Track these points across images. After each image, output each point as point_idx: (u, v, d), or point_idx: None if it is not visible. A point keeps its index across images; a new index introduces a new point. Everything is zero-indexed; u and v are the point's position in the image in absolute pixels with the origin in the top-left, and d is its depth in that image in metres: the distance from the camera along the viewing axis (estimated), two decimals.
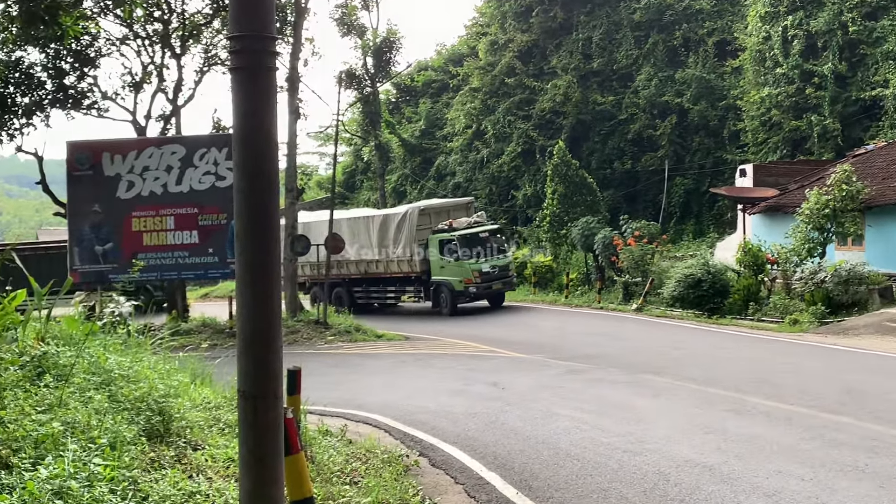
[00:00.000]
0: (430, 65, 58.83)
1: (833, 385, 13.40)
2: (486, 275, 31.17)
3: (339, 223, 31.55)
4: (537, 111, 45.62)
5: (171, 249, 24.64)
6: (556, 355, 19.29)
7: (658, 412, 12.19)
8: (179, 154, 24.68)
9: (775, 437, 10.20)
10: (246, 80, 3.52)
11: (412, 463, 9.82)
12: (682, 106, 40.88)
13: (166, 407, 8.01)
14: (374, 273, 34.08)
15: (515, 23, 47.61)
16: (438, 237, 31.75)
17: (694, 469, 8.91)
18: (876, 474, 8.34)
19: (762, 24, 36.14)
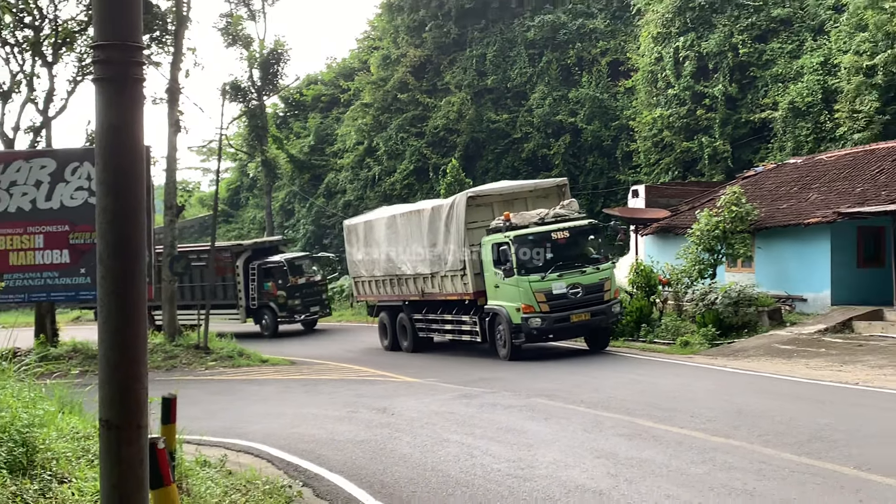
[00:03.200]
0: (320, 78, 58.63)
1: (723, 407, 13.69)
2: (557, 299, 20.42)
3: (392, 220, 26.01)
4: (431, 128, 45.82)
5: (40, 270, 23.81)
6: (447, 379, 19.39)
7: (549, 437, 12.28)
8: (50, 168, 23.91)
9: (666, 460, 10.36)
10: (111, 92, 3.45)
11: (295, 494, 9.71)
12: (576, 125, 41.56)
13: (30, 437, 7.77)
14: (429, 294, 24.39)
15: (408, 37, 47.79)
16: (491, 239, 21.40)
17: (584, 494, 9.00)
18: (764, 497, 8.54)
19: (654, 45, 37.02)
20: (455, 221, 22.24)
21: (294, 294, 31.99)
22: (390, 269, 25.52)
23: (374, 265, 26.49)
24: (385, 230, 26.01)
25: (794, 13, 33.91)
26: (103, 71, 3.50)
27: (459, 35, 45.82)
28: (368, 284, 27.46)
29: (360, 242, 27.59)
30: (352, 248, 28.28)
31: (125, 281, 3.40)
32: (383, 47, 50.17)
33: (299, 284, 32.22)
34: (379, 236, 26.16)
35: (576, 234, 21.03)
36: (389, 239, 25.59)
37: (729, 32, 34.37)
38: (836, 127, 30.73)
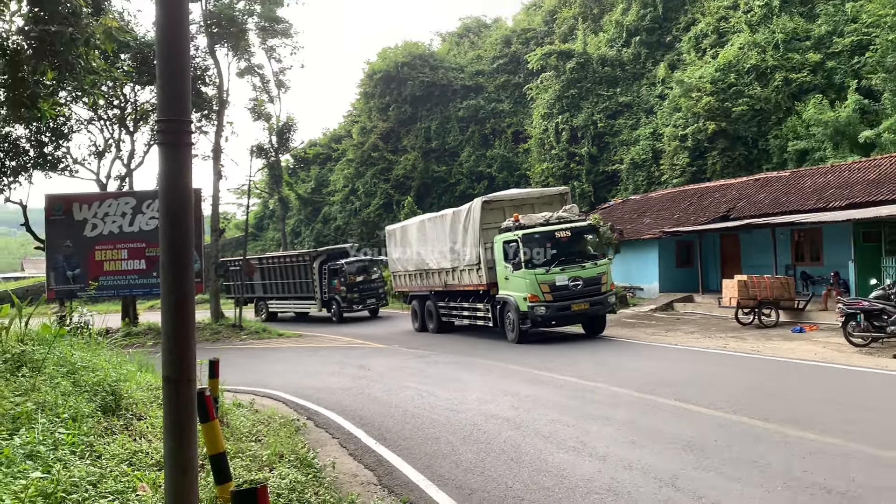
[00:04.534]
0: (319, 142, 58.21)
1: (592, 361, 13.82)
2: (560, 290, 17.10)
3: (422, 224, 22.87)
4: (394, 176, 45.67)
5: (125, 274, 23.58)
6: (405, 345, 19.33)
7: (476, 383, 12.29)
8: (132, 204, 23.69)
9: (552, 397, 10.46)
10: (169, 152, 3.46)
11: (302, 425, 9.63)
12: (492, 174, 41.76)
13: (118, 389, 7.65)
14: (451, 285, 21.33)
15: (378, 114, 47.70)
16: (502, 238, 18.26)
17: (497, 421, 9.04)
18: (617, 421, 8.64)
19: (542, 121, 37.37)
20: (471, 223, 19.34)
21: (352, 289, 28.88)
22: (420, 264, 22.58)
23: (408, 261, 23.53)
24: (416, 233, 23.14)
25: (634, 100, 34.42)
26: (164, 138, 3.50)
27: (413, 113, 45.83)
28: (403, 277, 24.32)
29: (396, 243, 24.58)
30: (391, 247, 25.20)
31: (179, 281, 3.40)
32: (361, 121, 50.00)
33: (357, 281, 29.05)
34: (411, 237, 23.40)
35: (577, 234, 17.71)
36: (419, 239, 22.81)
37: (591, 112, 34.82)
38: (661, 175, 31.23)
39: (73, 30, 10.48)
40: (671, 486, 6.04)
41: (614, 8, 38.24)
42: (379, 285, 29.62)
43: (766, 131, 26.92)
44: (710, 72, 28.17)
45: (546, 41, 41.52)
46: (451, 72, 45.29)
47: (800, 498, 5.54)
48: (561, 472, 6.72)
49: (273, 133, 49.06)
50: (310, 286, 29.82)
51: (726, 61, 27.92)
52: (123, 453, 5.95)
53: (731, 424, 8.04)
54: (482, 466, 7.07)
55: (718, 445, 7.19)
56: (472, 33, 51.65)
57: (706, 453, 6.95)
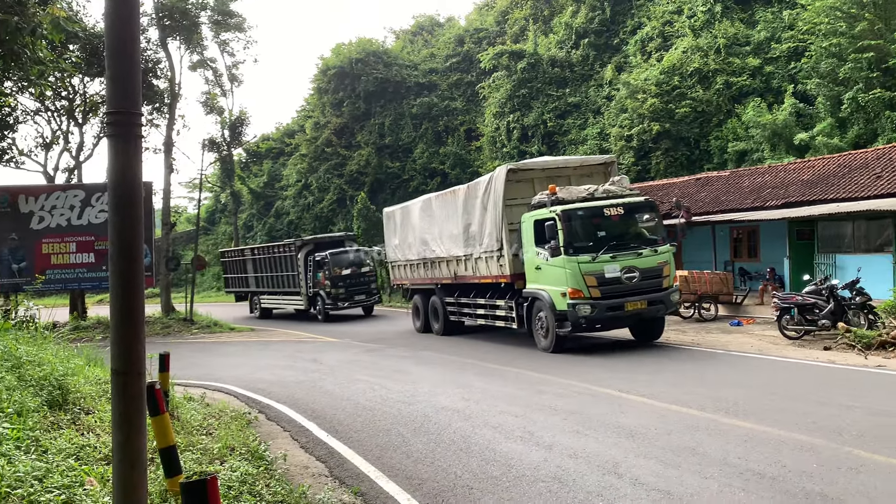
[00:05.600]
0: (271, 136, 57.40)
1: (544, 356, 13.84)
2: (610, 284, 12.98)
3: (427, 203, 18.80)
4: (348, 171, 45.32)
5: (73, 267, 22.95)
6: (357, 339, 19.27)
7: (427, 375, 12.37)
8: (81, 196, 23.05)
9: (501, 389, 10.57)
10: (118, 145, 3.40)
11: (253, 418, 9.56)
12: (445, 171, 41.78)
13: (65, 383, 7.47)
14: (463, 277, 17.01)
15: (332, 110, 47.27)
16: (534, 216, 13.92)
17: (447, 412, 9.10)
18: (563, 411, 8.77)
19: (494, 119, 37.53)
20: (492, 197, 14.96)
21: (338, 284, 25.43)
22: (424, 252, 18.65)
23: (409, 249, 19.63)
24: (420, 214, 18.96)
25: (582, 100, 34.84)
26: (113, 130, 3.44)
27: (367, 109, 45.53)
28: (403, 268, 20.48)
29: (396, 228, 20.62)
30: (389, 233, 21.40)
31: (127, 274, 3.35)
32: (315, 116, 49.48)
33: (343, 275, 25.57)
34: (414, 220, 19.33)
35: (631, 211, 13.44)
36: (424, 221, 18.68)
37: (541, 112, 35.11)
38: None
39: (18, 19, 10.15)
40: (613, 474, 6.18)
41: (564, 10, 38.62)
42: (370, 279, 26.50)
43: (708, 132, 27.55)
44: (655, 74, 28.70)
45: (498, 41, 41.71)
46: (405, 69, 45.15)
47: (734, 483, 5.73)
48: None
49: (225, 127, 48.25)
50: (295, 280, 27.05)
51: (670, 64, 28.47)
52: (70, 448, 5.83)
53: (670, 414, 8.25)
54: (432, 457, 7.12)
55: (658, 434, 7.37)
56: (425, 31, 51.56)
57: (647, 441, 7.12)
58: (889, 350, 11.39)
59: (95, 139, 29.65)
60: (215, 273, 54.03)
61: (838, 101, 22.96)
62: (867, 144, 21.61)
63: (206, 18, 32.11)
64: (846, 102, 22.28)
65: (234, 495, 5.58)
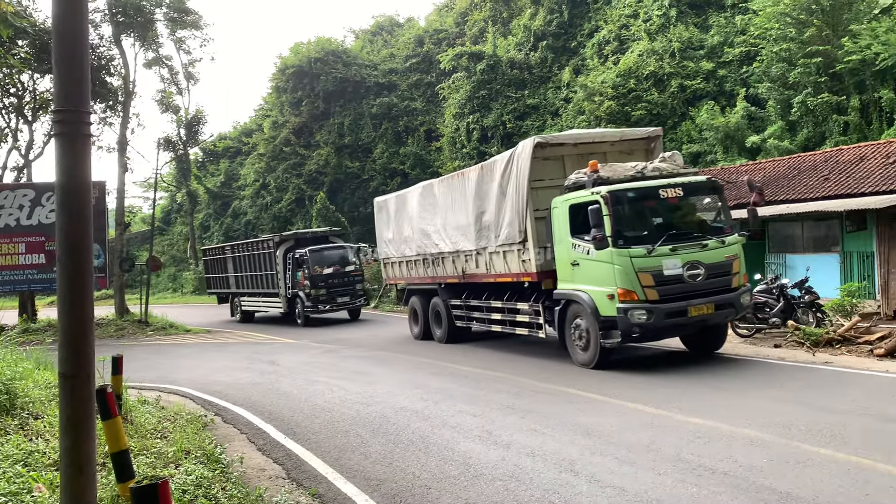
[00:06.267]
0: (229, 136, 56.77)
1: (494, 354, 13.95)
2: (670, 283, 10.42)
3: (428, 189, 16.25)
4: (306, 171, 45.02)
5: (23, 268, 22.31)
6: (315, 339, 19.11)
7: (386, 376, 12.32)
8: (30, 196, 22.42)
9: (459, 389, 10.60)
10: (66, 144, 3.32)
11: (209, 421, 9.43)
12: (405, 171, 41.73)
13: (12, 387, 7.28)
14: (473, 275, 14.55)
15: (291, 109, 46.87)
16: (571, 199, 11.39)
17: (406, 413, 9.08)
18: (520, 410, 8.82)
19: (454, 120, 37.62)
20: (515, 178, 12.33)
21: (318, 284, 22.97)
22: (424, 246, 16.17)
23: (406, 243, 17.21)
24: (419, 201, 16.52)
25: (541, 102, 35.13)
26: (61, 129, 3.36)
27: (326, 108, 45.25)
28: (398, 266, 17.95)
29: (390, 219, 18.22)
30: (381, 226, 18.98)
31: (76, 275, 3.27)
32: (273, 115, 49.00)
33: (324, 275, 23.07)
34: (412, 209, 16.82)
35: (692, 193, 11.00)
36: (425, 211, 16.14)
37: (500, 113, 35.30)
38: None
39: None
40: (570, 472, 6.25)
41: (523, 12, 38.90)
42: (356, 280, 23.98)
43: (663, 135, 27.98)
44: (612, 77, 29.08)
45: (457, 42, 41.82)
46: (365, 69, 44.97)
47: (687, 479, 5.83)
48: None
49: (181, 126, 47.62)
50: (274, 280, 24.58)
51: (626, 67, 28.88)
52: (18, 453, 5.69)
53: (626, 412, 8.36)
54: (390, 457, 7.10)
55: (613, 431, 7.47)
56: (385, 31, 51.42)
57: (603, 439, 7.21)
58: (836, 347, 11.72)
59: (46, 137, 28.93)
60: (170, 274, 53.10)
61: (788, 104, 23.56)
62: (816, 147, 22.22)
63: (162, 15, 31.51)
64: (796, 106, 22.86)
65: (189, 499, 5.49)
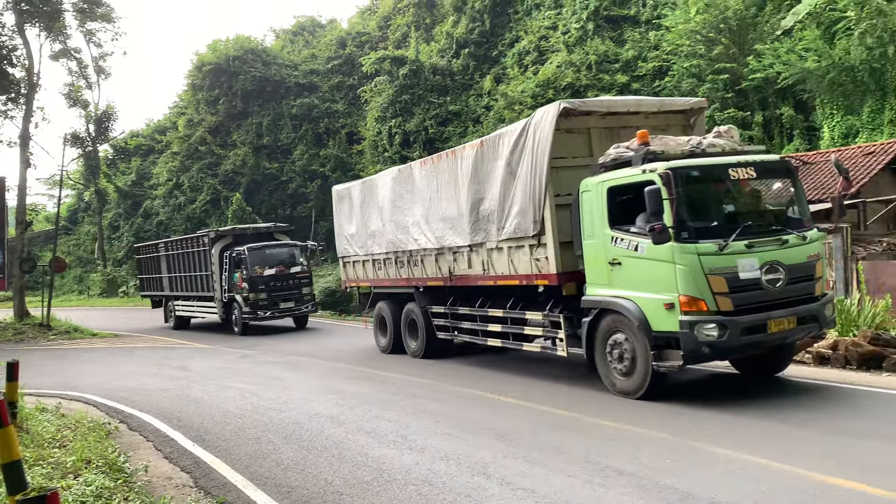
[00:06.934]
0: (141, 133, 54.79)
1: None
2: (746, 289, 7.91)
3: (404, 174, 13.56)
4: (222, 171, 43.93)
5: None
6: (229, 346, 18.65)
7: (300, 381, 12.16)
8: None
9: (375, 394, 10.55)
10: None
11: (113, 428, 9.09)
12: (325, 174, 41.31)
13: None
14: (463, 277, 11.94)
15: (207, 107, 45.62)
16: (606, 181, 8.81)
17: (321, 419, 8.98)
18: (438, 414, 8.85)
19: (376, 124, 37.47)
20: (531, 154, 9.83)
21: (258, 287, 20.33)
22: (399, 242, 13.60)
23: (373, 238, 14.66)
24: (392, 188, 13.79)
25: (462, 109, 35.43)
26: None
27: (244, 108, 44.25)
28: (363, 265, 15.36)
29: (353, 210, 15.56)
30: (341, 219, 16.29)
31: None
32: (188, 113, 47.57)
33: (266, 276, 20.48)
34: (383, 198, 14.18)
35: (765, 175, 8.77)
36: (400, 200, 13.51)
37: (423, 118, 35.39)
38: None
39: None
40: (483, 475, 6.32)
41: (445, 19, 39.17)
42: (302, 283, 21.40)
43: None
44: (531, 87, 29.65)
45: (380, 46, 41.72)
46: (285, 69, 44.29)
47: (595, 480, 5.99)
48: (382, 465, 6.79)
49: (90, 121, 45.73)
50: (209, 281, 21.76)
51: (545, 78, 29.50)
52: None
53: (537, 414, 8.52)
54: (303, 464, 7.01)
55: (525, 433, 7.60)
56: (306, 32, 50.77)
57: (515, 442, 7.32)
58: None
59: None
60: (76, 275, 50.86)
61: None
62: None
63: (70, 6, 30.21)
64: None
65: None
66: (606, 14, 30.61)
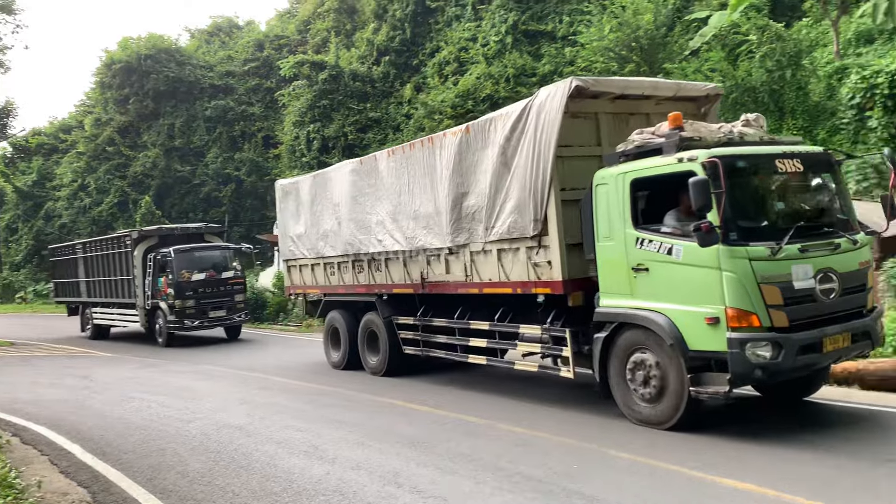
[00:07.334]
0: (44, 131, 52.17)
1: (315, 364, 13.50)
2: (801, 300, 6.70)
3: (366, 166, 11.92)
4: (131, 173, 42.41)
5: None
6: (127, 353, 17.96)
7: (210, 391, 11.83)
8: None
9: (286, 403, 10.38)
10: None
11: (5, 442, 8.58)
12: (240, 178, 40.51)
13: None
14: (440, 285, 10.34)
15: (116, 107, 43.92)
16: (630, 171, 7.42)
17: (230, 429, 8.76)
18: (350, 424, 8.74)
19: (294, 128, 36.95)
20: (532, 141, 8.47)
21: (185, 294, 18.56)
22: (359, 243, 12.01)
23: (326, 239, 12.99)
24: (353, 182, 12.17)
25: (383, 116, 35.40)
26: None
27: (156, 108, 42.83)
28: (311, 270, 13.68)
29: (301, 208, 13.86)
30: (286, 217, 14.57)
31: None
32: (96, 112, 45.64)
33: (194, 281, 18.73)
34: (339, 194, 12.58)
35: (811, 169, 7.44)
36: (362, 196, 11.96)
37: (342, 124, 35.12)
38: None
39: None
40: (394, 484, 6.31)
41: (366, 26, 39.08)
42: (235, 290, 19.61)
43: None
44: (451, 97, 29.92)
45: (299, 50, 41.24)
46: (200, 69, 43.17)
47: (504, 486, 6.08)
48: None
49: None
50: (130, 287, 19.99)
51: (465, 89, 29.83)
52: None
53: (449, 421, 8.57)
54: (210, 476, 6.82)
55: (437, 441, 7.64)
56: (223, 33, 49.59)
57: (426, 449, 7.34)
58: None
59: None
60: None
61: None
62: None
63: None
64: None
65: None
66: (525, 28, 31.25)
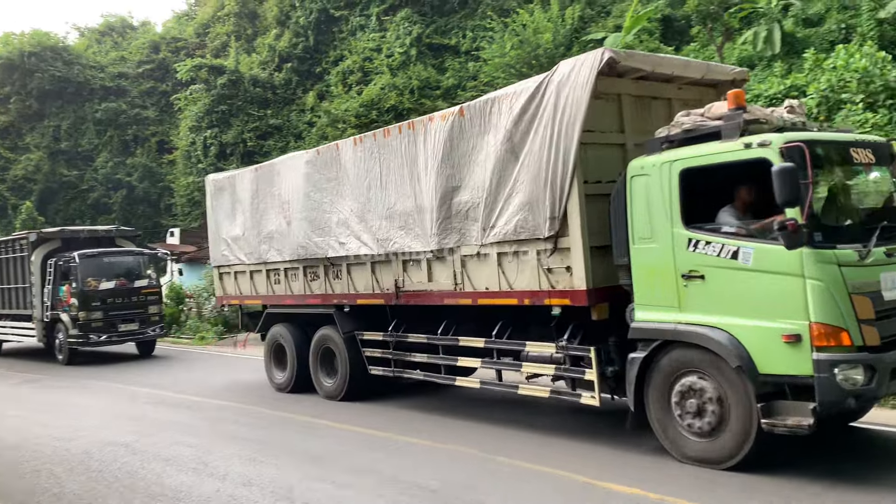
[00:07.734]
0: None
1: (222, 381, 13.37)
2: (890, 312, 5.59)
3: (327, 156, 10.01)
4: (11, 176, 39.83)
5: None
6: (13, 369, 16.80)
7: (95, 407, 11.23)
8: None
9: (178, 419, 10.00)
10: None
11: None
12: (131, 183, 38.87)
13: None
14: (421, 295, 8.70)
15: None
16: (679, 160, 6.15)
17: (114, 447, 8.34)
18: (247, 439, 8.53)
19: (190, 133, 35.80)
20: (550, 124, 6.97)
21: (91, 304, 16.43)
22: (313, 247, 10.24)
23: (271, 242, 11.14)
24: (307, 175, 10.39)
25: (284, 123, 34.85)
26: None
27: (40, 109, 40.50)
28: (250, 277, 11.85)
29: (239, 206, 11.94)
30: (220, 217, 12.59)
31: None
32: None
33: (101, 290, 16.67)
34: (289, 189, 10.76)
35: (881, 161, 6.26)
36: (318, 191, 10.17)
37: (241, 130, 34.30)
38: None
39: None
40: (286, 500, 6.14)
41: (268, 32, 38.42)
42: (149, 300, 17.58)
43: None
44: (355, 106, 29.79)
45: (197, 53, 40.05)
46: (90, 70, 41.19)
47: (400, 498, 6.04)
48: None
49: None
50: (26, 296, 17.89)
51: (369, 99, 29.78)
52: None
53: (351, 436, 8.45)
54: (89, 497, 6.44)
55: (337, 456, 7.51)
56: (115, 32, 47.55)
57: (325, 464, 7.20)
58: None
59: None
60: None
61: None
62: None
63: None
64: None
65: None
66: (429, 41, 31.55)
